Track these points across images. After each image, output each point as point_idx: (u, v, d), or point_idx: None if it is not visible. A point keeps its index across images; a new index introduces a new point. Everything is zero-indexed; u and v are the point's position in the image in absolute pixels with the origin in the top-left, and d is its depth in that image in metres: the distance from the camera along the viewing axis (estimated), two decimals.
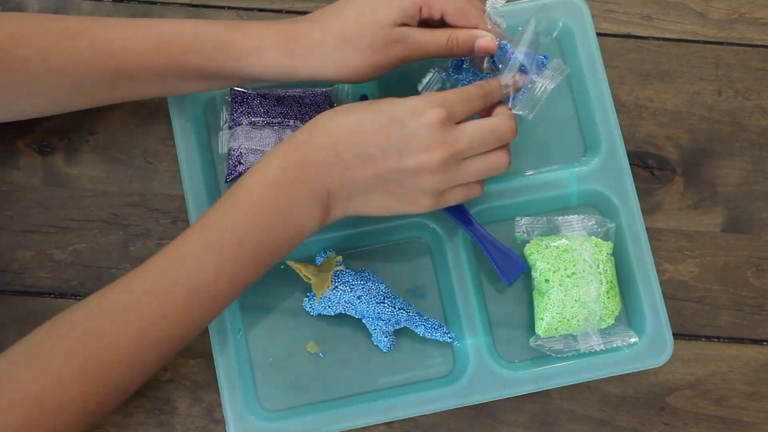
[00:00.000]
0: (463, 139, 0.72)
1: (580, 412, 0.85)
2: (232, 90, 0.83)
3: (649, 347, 0.83)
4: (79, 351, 0.68)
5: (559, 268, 0.81)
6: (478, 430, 0.84)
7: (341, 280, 0.81)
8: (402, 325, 0.82)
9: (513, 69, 0.76)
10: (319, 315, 0.83)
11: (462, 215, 0.83)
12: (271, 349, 0.83)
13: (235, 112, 0.83)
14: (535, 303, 0.83)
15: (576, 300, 0.81)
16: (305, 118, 0.83)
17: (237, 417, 0.79)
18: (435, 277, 0.85)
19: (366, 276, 0.82)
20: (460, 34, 0.76)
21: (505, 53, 0.77)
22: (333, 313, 0.82)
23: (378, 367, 0.83)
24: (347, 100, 0.86)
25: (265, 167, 0.72)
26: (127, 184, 0.86)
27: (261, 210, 0.71)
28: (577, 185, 0.85)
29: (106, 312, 0.69)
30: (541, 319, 0.82)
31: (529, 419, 0.84)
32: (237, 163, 0.82)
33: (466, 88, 0.75)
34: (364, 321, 0.82)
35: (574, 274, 0.81)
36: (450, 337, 0.82)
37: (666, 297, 0.84)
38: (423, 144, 0.71)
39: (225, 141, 0.84)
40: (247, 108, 0.83)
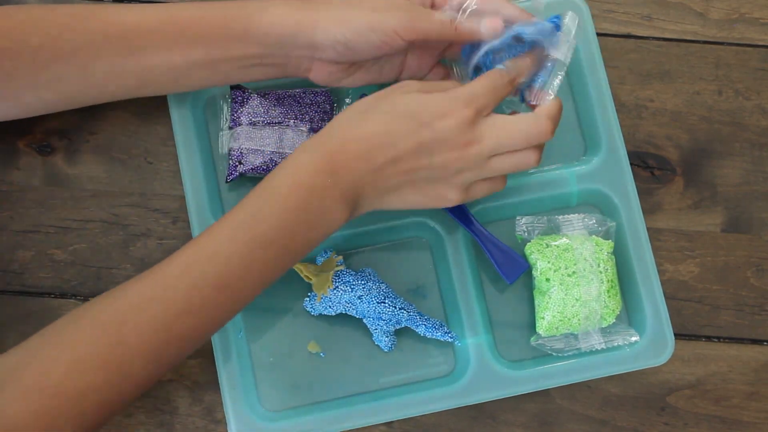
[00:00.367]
0: (491, 138, 0.73)
1: (580, 412, 0.84)
2: (231, 90, 0.83)
3: (650, 346, 0.83)
4: (102, 340, 0.67)
5: (559, 267, 0.81)
6: (478, 430, 0.84)
7: (342, 280, 0.81)
8: (403, 325, 0.82)
9: (525, 47, 0.75)
10: (320, 315, 0.83)
11: (462, 215, 0.83)
12: (272, 349, 0.83)
13: (235, 112, 0.83)
14: (535, 302, 0.83)
15: (577, 299, 0.81)
16: (305, 118, 0.83)
17: (238, 417, 0.79)
18: (436, 277, 0.85)
19: (367, 276, 0.82)
20: (464, 20, 0.75)
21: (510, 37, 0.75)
22: (334, 313, 0.82)
23: (379, 366, 0.83)
24: (346, 101, 0.86)
25: (298, 169, 0.72)
26: (127, 184, 0.86)
27: (292, 212, 0.71)
28: (578, 184, 0.85)
29: (131, 303, 0.69)
30: (542, 318, 0.82)
31: (529, 419, 0.84)
32: (237, 163, 0.82)
33: (491, 75, 0.74)
34: (364, 321, 0.82)
35: (574, 273, 0.81)
36: (451, 337, 0.82)
37: (666, 297, 0.84)
38: (452, 143, 0.72)
39: (225, 141, 0.84)
40: (247, 108, 0.83)
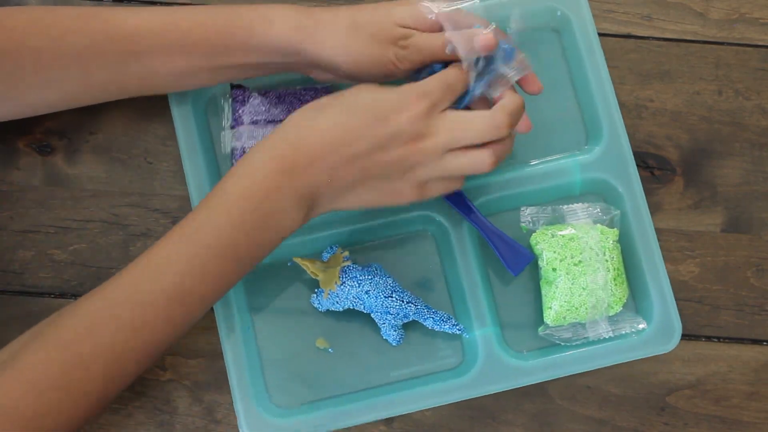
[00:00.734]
0: (445, 131, 0.72)
1: (580, 412, 0.84)
2: (232, 90, 0.83)
3: (657, 332, 0.82)
4: (57, 360, 0.67)
5: (565, 257, 0.81)
6: (478, 430, 0.84)
7: (349, 276, 0.81)
8: (410, 319, 0.82)
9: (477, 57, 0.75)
10: (328, 311, 0.83)
11: (466, 207, 0.82)
12: (280, 346, 0.83)
13: (237, 111, 0.83)
14: (542, 292, 0.83)
15: (583, 288, 0.81)
16: None
17: (248, 414, 0.79)
18: (442, 270, 0.85)
19: (373, 270, 0.82)
20: (455, 36, 0.75)
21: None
22: (341, 309, 0.82)
23: (388, 361, 0.83)
24: None
25: (249, 172, 0.71)
26: (127, 184, 0.86)
27: (246, 216, 0.70)
28: (581, 173, 0.85)
29: (84, 322, 0.68)
30: (549, 308, 0.82)
31: (529, 419, 0.84)
32: None
33: (445, 71, 0.75)
34: (372, 315, 0.82)
35: (580, 262, 0.81)
36: (459, 329, 0.82)
37: None
38: (407, 137, 0.72)
39: (228, 140, 0.84)
40: (248, 107, 0.83)
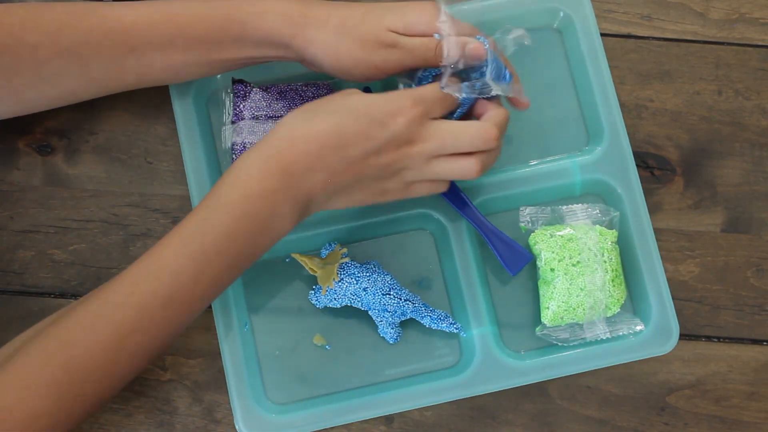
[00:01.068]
0: (436, 139, 0.73)
1: (580, 412, 0.84)
2: (233, 85, 0.83)
3: (655, 334, 0.83)
4: (52, 362, 0.67)
5: (564, 257, 0.81)
6: (478, 430, 0.84)
7: (347, 273, 0.81)
8: (408, 317, 0.82)
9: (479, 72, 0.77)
10: (325, 307, 0.83)
11: (465, 206, 0.82)
12: (277, 342, 0.83)
13: (238, 106, 0.83)
14: (540, 292, 0.83)
15: (581, 289, 0.81)
16: None
17: (245, 410, 0.79)
18: (440, 268, 0.85)
19: (371, 268, 0.82)
20: (451, 41, 0.76)
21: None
22: (339, 306, 0.82)
23: (385, 358, 0.83)
24: None
25: (245, 175, 0.71)
26: (127, 184, 0.86)
27: (243, 220, 0.70)
28: (581, 174, 0.85)
29: (80, 323, 0.68)
30: (547, 308, 0.82)
31: (529, 419, 0.84)
32: None
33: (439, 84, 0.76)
34: (370, 313, 0.82)
35: (579, 262, 0.81)
36: (456, 328, 0.82)
37: None
38: (401, 141, 0.72)
39: (228, 136, 0.84)
40: (249, 102, 0.83)
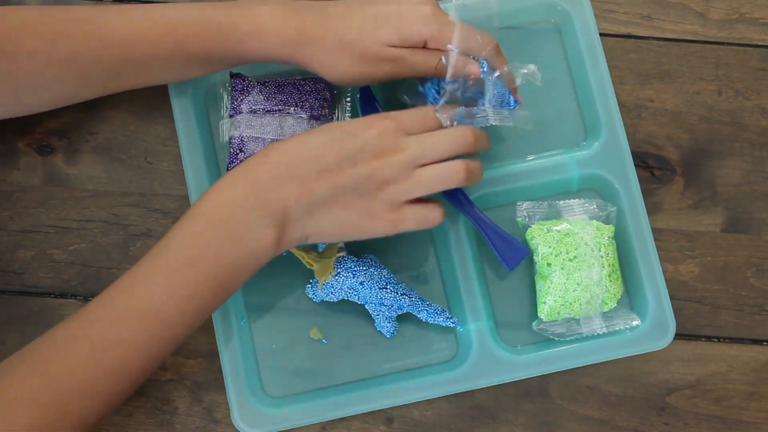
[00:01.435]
0: (415, 146, 0.73)
1: (580, 412, 0.84)
2: (232, 78, 0.83)
3: (651, 330, 0.83)
4: (32, 380, 0.67)
5: (560, 252, 0.81)
6: (478, 430, 0.84)
7: (344, 266, 0.81)
8: (405, 311, 0.82)
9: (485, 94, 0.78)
10: (322, 301, 0.83)
11: (463, 201, 0.82)
12: (274, 336, 0.83)
13: (236, 100, 0.83)
14: (537, 287, 0.83)
15: (578, 283, 0.81)
16: (305, 105, 0.83)
17: (241, 404, 0.80)
18: (437, 263, 0.85)
19: (368, 262, 0.82)
20: (452, 60, 0.76)
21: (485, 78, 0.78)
22: (336, 300, 0.82)
23: (381, 352, 0.83)
24: (347, 89, 0.86)
25: (217, 186, 0.72)
26: (127, 184, 0.86)
27: (211, 228, 0.70)
28: (578, 169, 0.85)
29: (58, 341, 0.68)
30: (544, 302, 0.82)
31: (529, 419, 0.84)
32: (238, 151, 0.82)
33: (423, 108, 0.76)
34: (366, 307, 0.82)
35: (575, 257, 0.81)
36: (453, 322, 0.82)
37: None
38: (376, 150, 0.72)
39: (226, 130, 0.84)
40: (248, 96, 0.83)
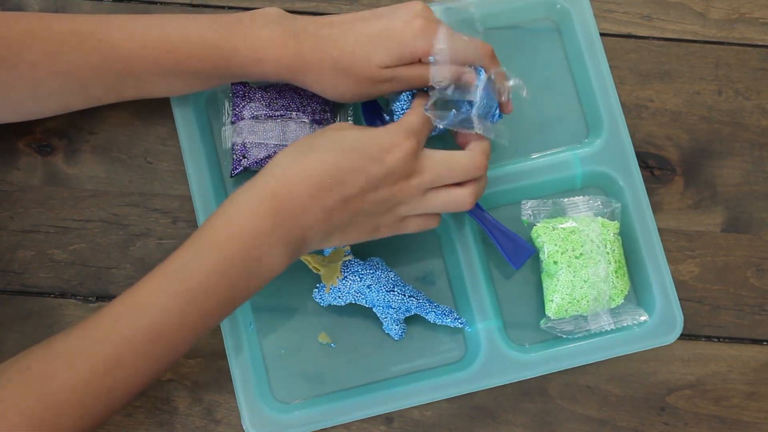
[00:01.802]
0: (431, 171, 0.74)
1: (580, 412, 0.84)
2: (233, 85, 0.83)
3: (659, 325, 0.83)
4: (29, 394, 0.66)
5: (566, 250, 0.81)
6: (478, 430, 0.84)
7: (350, 270, 0.81)
8: (412, 313, 0.82)
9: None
10: (330, 305, 0.83)
11: None
12: (282, 341, 0.83)
13: (237, 106, 0.83)
14: (544, 285, 0.83)
15: (585, 280, 0.81)
16: (307, 110, 0.83)
17: (252, 409, 0.79)
18: (443, 264, 0.85)
19: (375, 265, 0.82)
20: (443, 70, 0.77)
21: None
22: (343, 303, 0.82)
23: (390, 355, 0.83)
24: (349, 111, 0.86)
25: (236, 214, 0.70)
26: (127, 184, 0.86)
27: (231, 261, 0.69)
28: (582, 167, 0.85)
29: (59, 357, 0.67)
30: (551, 300, 0.82)
31: (529, 419, 0.84)
32: (241, 157, 0.82)
33: (420, 107, 0.77)
34: (374, 310, 0.82)
35: (582, 254, 0.81)
36: (461, 323, 0.82)
37: None
38: (398, 176, 0.72)
39: (228, 136, 0.84)
40: (249, 102, 0.83)
